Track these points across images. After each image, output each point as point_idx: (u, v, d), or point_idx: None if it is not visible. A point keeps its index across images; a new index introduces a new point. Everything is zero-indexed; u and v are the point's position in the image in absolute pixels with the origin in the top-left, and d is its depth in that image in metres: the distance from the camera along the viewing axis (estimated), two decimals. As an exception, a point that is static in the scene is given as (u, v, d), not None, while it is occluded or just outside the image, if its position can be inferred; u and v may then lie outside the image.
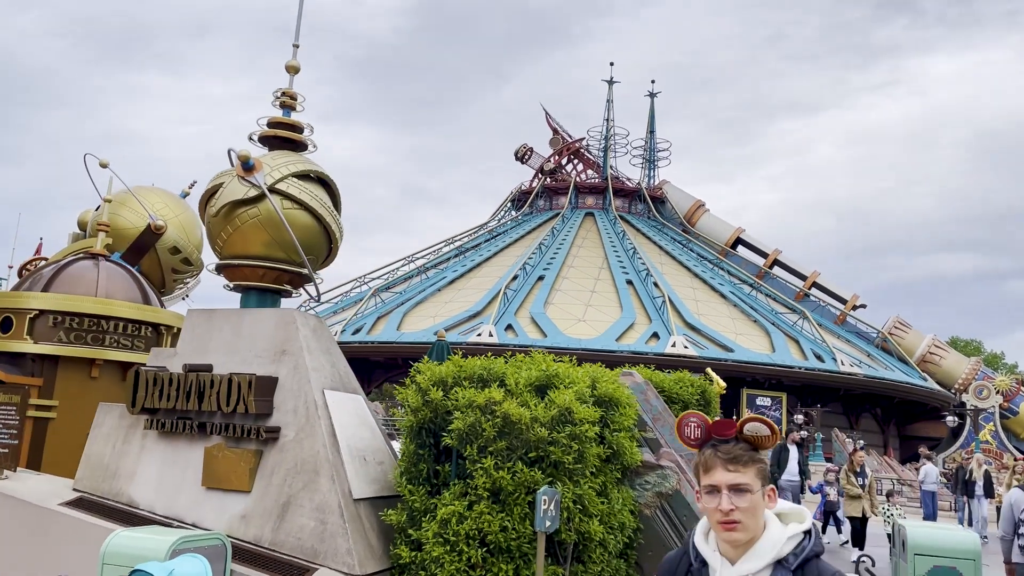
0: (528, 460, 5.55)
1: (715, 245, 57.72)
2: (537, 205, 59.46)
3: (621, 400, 6.32)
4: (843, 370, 43.90)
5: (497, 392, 5.64)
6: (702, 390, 8.65)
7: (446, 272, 52.58)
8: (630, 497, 6.46)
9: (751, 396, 44.14)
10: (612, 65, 59.50)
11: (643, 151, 61.24)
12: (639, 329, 45.59)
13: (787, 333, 46.95)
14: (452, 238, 56.89)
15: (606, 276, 50.68)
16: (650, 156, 61.15)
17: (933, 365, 51.73)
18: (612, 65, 59.50)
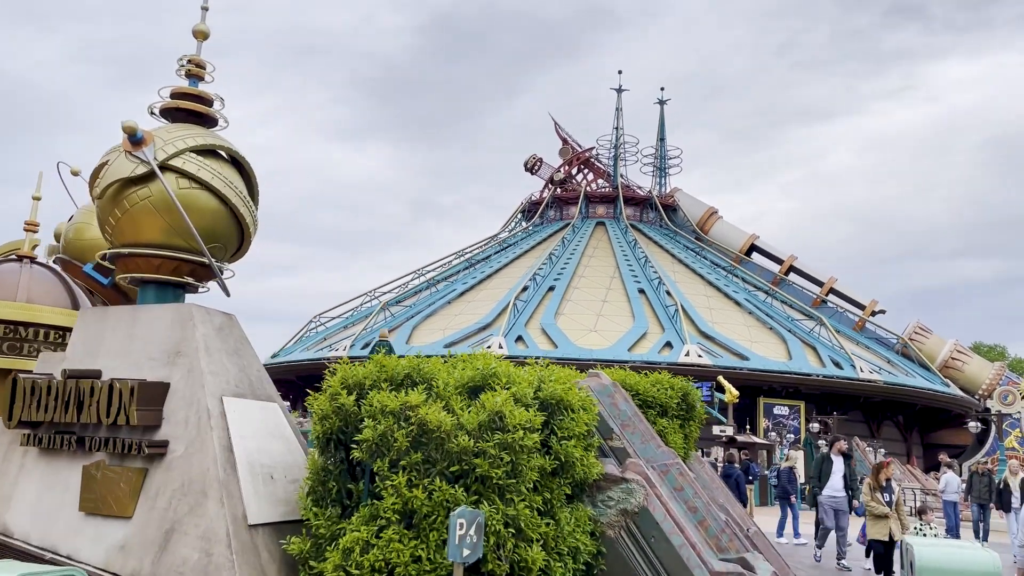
0: (451, 475, 4.62)
1: (729, 252, 56.47)
2: (547, 215, 58.57)
3: (573, 403, 5.37)
4: (862, 377, 42.44)
5: (417, 395, 4.72)
6: (684, 393, 7.67)
7: (456, 285, 51.76)
8: (586, 516, 5.50)
9: (768, 405, 42.79)
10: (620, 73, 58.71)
11: (653, 159, 60.24)
12: (652, 338, 44.43)
13: (804, 340, 45.56)
14: (462, 250, 56.14)
15: (618, 285, 49.62)
16: (661, 164, 60.12)
17: (956, 371, 50.04)
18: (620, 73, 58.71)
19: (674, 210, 59.10)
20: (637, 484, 5.95)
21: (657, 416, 7.27)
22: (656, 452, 6.58)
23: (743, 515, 8.60)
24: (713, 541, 6.21)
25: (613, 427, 6.54)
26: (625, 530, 5.88)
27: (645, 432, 6.66)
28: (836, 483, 12.96)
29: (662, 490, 6.22)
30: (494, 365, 5.30)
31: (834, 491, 12.92)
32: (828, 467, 13.12)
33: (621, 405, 6.70)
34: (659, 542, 5.78)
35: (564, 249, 53.25)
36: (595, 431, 6.38)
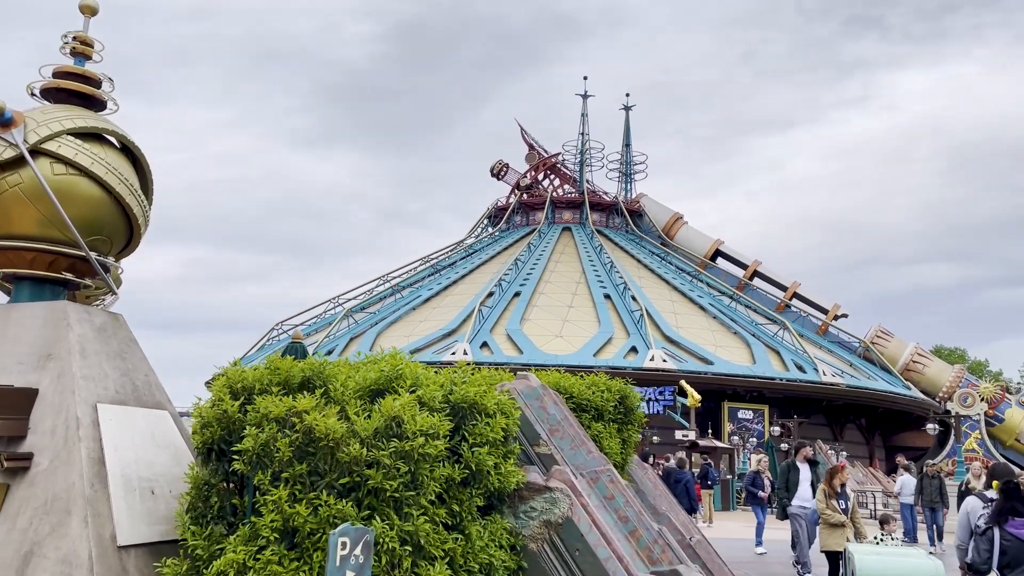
0: (341, 489, 4.16)
1: (694, 257, 56.56)
2: (513, 221, 58.24)
3: (488, 407, 4.94)
4: (825, 380, 42.58)
5: (306, 400, 4.25)
6: (622, 396, 7.28)
7: (421, 291, 51.18)
8: (503, 529, 5.07)
9: (732, 409, 42.76)
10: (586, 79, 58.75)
11: (619, 164, 60.21)
12: (617, 344, 44.22)
13: (768, 344, 45.65)
14: (427, 256, 55.56)
15: (584, 291, 49.38)
16: (626, 169, 60.13)
17: (917, 374, 50.52)
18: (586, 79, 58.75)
19: (640, 215, 59.09)
20: (562, 493, 5.53)
21: (592, 420, 6.87)
22: (586, 458, 6.17)
23: (687, 523, 8.22)
24: (644, 553, 5.81)
25: (540, 432, 6.11)
26: (548, 543, 5.46)
27: (575, 437, 6.25)
28: (805, 492, 12.07)
29: (590, 499, 5.81)
30: (400, 366, 4.86)
31: (803, 501, 12.02)
32: (795, 476, 12.29)
33: (550, 409, 6.29)
34: (584, 555, 5.36)
35: (530, 255, 52.92)
36: (517, 437, 5.96)
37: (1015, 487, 5.84)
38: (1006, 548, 5.55)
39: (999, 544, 5.57)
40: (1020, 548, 5.47)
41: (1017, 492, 5.73)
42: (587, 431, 6.85)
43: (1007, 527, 5.55)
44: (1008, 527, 5.54)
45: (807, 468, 12.40)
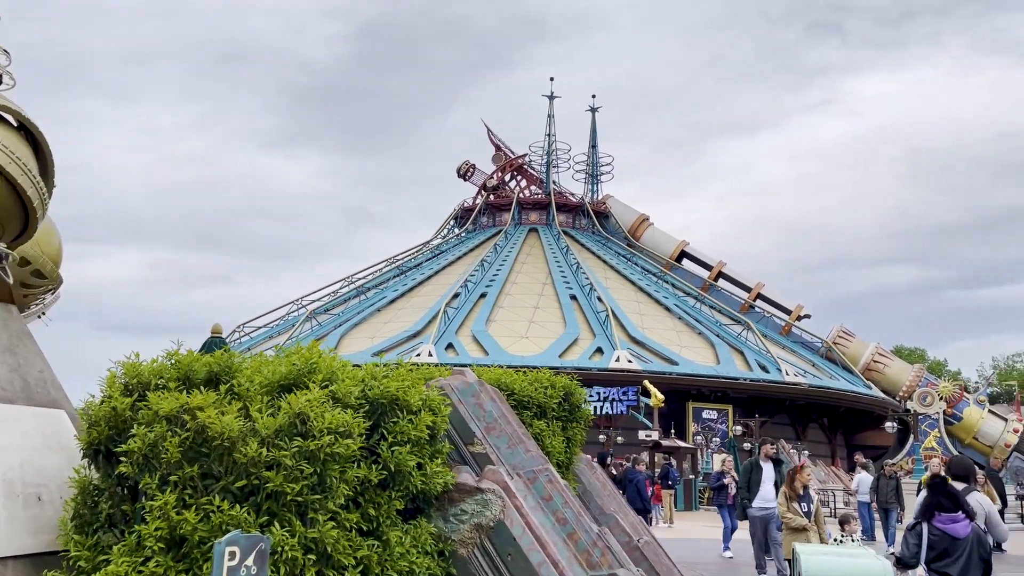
0: (240, 493, 3.79)
1: (660, 259, 56.68)
2: (480, 222, 57.89)
3: (411, 403, 4.60)
4: (788, 380, 42.85)
5: (201, 396, 3.88)
6: (567, 392, 6.98)
7: (386, 292, 50.62)
8: (428, 534, 4.73)
9: (697, 409, 42.82)
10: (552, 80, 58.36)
11: (586, 166, 60.21)
12: (583, 344, 44.08)
13: (732, 345, 45.83)
14: (393, 257, 54.99)
15: (550, 292, 49.19)
16: (593, 171, 60.10)
17: (877, 373, 51.06)
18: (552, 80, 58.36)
19: (606, 217, 59.10)
20: (494, 495, 5.20)
21: (534, 418, 6.56)
22: (524, 458, 5.85)
23: (637, 524, 7.94)
24: (583, 556, 5.50)
25: (475, 430, 5.78)
26: (479, 548, 5.12)
27: (513, 435, 5.93)
28: (767, 493, 11.24)
29: (526, 500, 5.49)
30: (314, 360, 4.49)
31: (766, 502, 11.18)
32: (757, 475, 11.47)
33: (487, 406, 5.96)
34: (516, 560, 5.04)
35: (496, 256, 52.62)
36: (447, 435, 5.62)
37: (941, 482, 5.87)
38: (933, 542, 5.58)
39: (927, 538, 5.59)
40: (946, 541, 5.50)
41: (943, 488, 5.74)
42: (528, 429, 6.53)
43: (934, 522, 5.58)
44: (935, 522, 5.57)
45: (770, 467, 11.58)
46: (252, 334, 50.31)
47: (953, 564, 5.47)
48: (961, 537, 5.54)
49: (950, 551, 5.51)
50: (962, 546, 5.51)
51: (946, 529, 5.59)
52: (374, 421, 4.47)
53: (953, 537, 5.55)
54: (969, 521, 5.63)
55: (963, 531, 5.56)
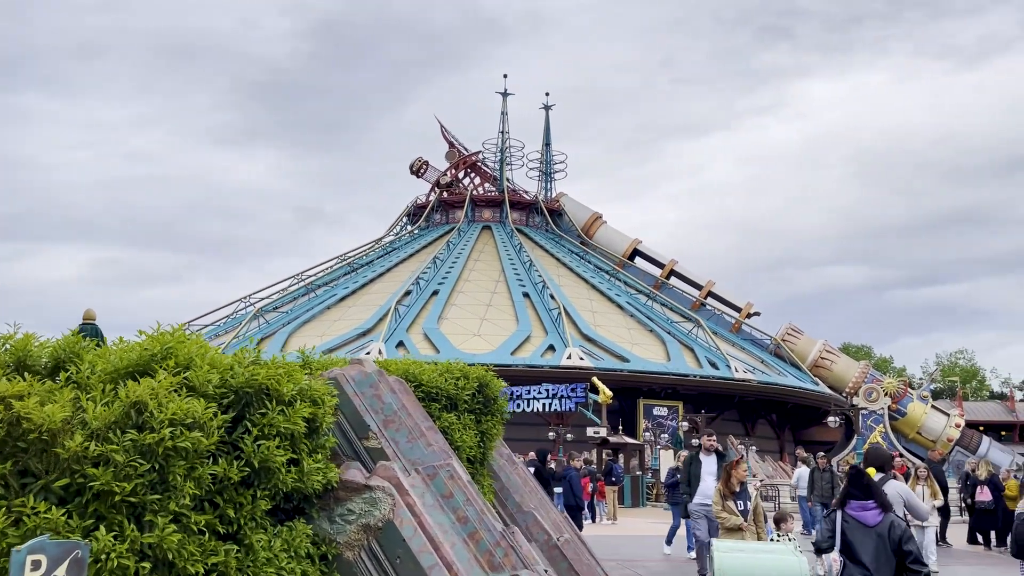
0: (65, 493, 3.32)
1: (613, 256, 56.73)
2: (433, 219, 57.28)
3: (283, 393, 4.16)
4: (737, 377, 43.15)
5: (17, 384, 3.39)
6: (481, 384, 6.59)
7: (336, 289, 49.74)
8: (305, 536, 4.29)
9: (648, 406, 42.85)
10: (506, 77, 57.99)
11: (539, 164, 59.95)
12: (535, 342, 43.82)
13: (682, 342, 46.01)
14: (344, 255, 54.05)
15: (503, 289, 48.85)
16: (547, 169, 59.90)
17: (825, 370, 51.73)
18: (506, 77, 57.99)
19: (560, 215, 58.95)
20: (383, 493, 4.78)
21: (442, 411, 6.15)
22: (425, 452, 5.44)
23: (559, 521, 7.59)
24: (485, 557, 5.11)
25: (371, 424, 5.35)
26: (367, 551, 4.70)
27: (414, 429, 5.51)
28: (708, 488, 10.38)
29: (424, 498, 5.08)
30: (169, 344, 4.02)
31: (706, 497, 10.35)
32: (697, 469, 10.73)
33: (386, 397, 5.53)
34: (405, 563, 4.63)
35: (449, 253, 52.10)
36: (336, 429, 5.19)
37: (856, 472, 6.04)
38: (846, 529, 5.74)
39: (840, 525, 5.77)
40: (857, 528, 5.67)
41: (858, 478, 5.90)
42: (436, 422, 6.13)
43: (847, 509, 5.75)
44: (847, 509, 5.75)
45: (713, 460, 10.70)
46: (199, 332, 48.96)
47: (863, 550, 5.60)
48: (871, 525, 5.66)
49: (861, 538, 5.65)
50: (872, 533, 5.63)
51: (857, 516, 5.72)
52: (238, 412, 4.02)
53: (864, 524, 5.68)
54: (881, 510, 5.72)
55: (873, 519, 5.67)
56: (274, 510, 4.27)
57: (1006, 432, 63.89)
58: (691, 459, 11.24)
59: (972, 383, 79.14)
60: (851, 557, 5.65)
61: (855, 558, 5.62)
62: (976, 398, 74.70)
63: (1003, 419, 64.83)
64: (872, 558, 5.52)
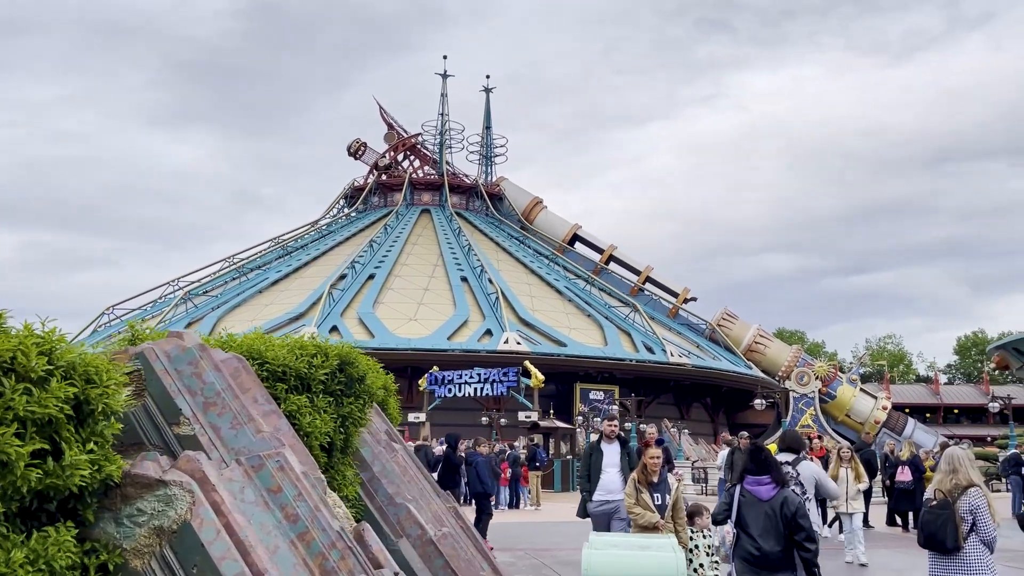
0: None
1: (553, 242, 56.31)
2: (371, 202, 55.96)
3: (30, 369, 3.33)
4: (672, 361, 43.19)
5: None
6: (343, 362, 5.82)
7: (268, 273, 48.16)
8: (66, 544, 3.47)
9: (584, 391, 42.60)
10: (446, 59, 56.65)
11: (480, 147, 59.07)
12: (472, 326, 43.14)
13: (619, 327, 45.89)
14: (278, 237, 52.41)
15: (440, 274, 47.99)
16: (487, 152, 59.04)
17: (758, 354, 52.23)
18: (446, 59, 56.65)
19: (500, 199, 58.23)
20: (181, 489, 3.97)
21: (289, 392, 5.36)
22: (253, 440, 4.64)
23: (442, 512, 6.88)
24: (317, 561, 4.35)
25: (183, 406, 4.53)
26: (159, 558, 3.90)
27: (241, 413, 4.71)
28: (610, 482, 8.81)
29: (240, 494, 4.29)
30: None
31: (608, 493, 8.77)
32: (598, 460, 8.98)
33: (208, 376, 4.71)
34: (203, 571, 3.84)
35: (387, 236, 50.95)
36: (133, 414, 4.35)
37: (755, 449, 6.15)
38: (741, 503, 5.92)
39: (736, 499, 5.94)
40: (752, 503, 5.83)
41: (756, 454, 6.04)
42: (282, 405, 5.33)
43: (744, 484, 5.92)
44: (744, 484, 5.92)
45: (615, 449, 9.03)
46: (123, 317, 46.90)
47: (755, 523, 5.77)
48: (765, 499, 5.81)
49: (755, 511, 5.82)
50: (765, 507, 5.78)
51: (752, 491, 5.88)
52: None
53: (758, 498, 5.84)
54: (775, 485, 5.84)
55: (767, 493, 5.82)
56: (25, 512, 3.44)
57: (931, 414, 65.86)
58: (591, 449, 9.28)
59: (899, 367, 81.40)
60: (744, 529, 5.82)
61: (747, 531, 5.78)
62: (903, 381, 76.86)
63: (928, 401, 66.82)
64: (761, 530, 5.67)
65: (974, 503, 5.79)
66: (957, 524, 5.76)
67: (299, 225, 53.85)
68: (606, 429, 9.44)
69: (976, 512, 5.76)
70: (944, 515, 5.78)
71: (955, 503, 5.81)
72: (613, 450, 9.16)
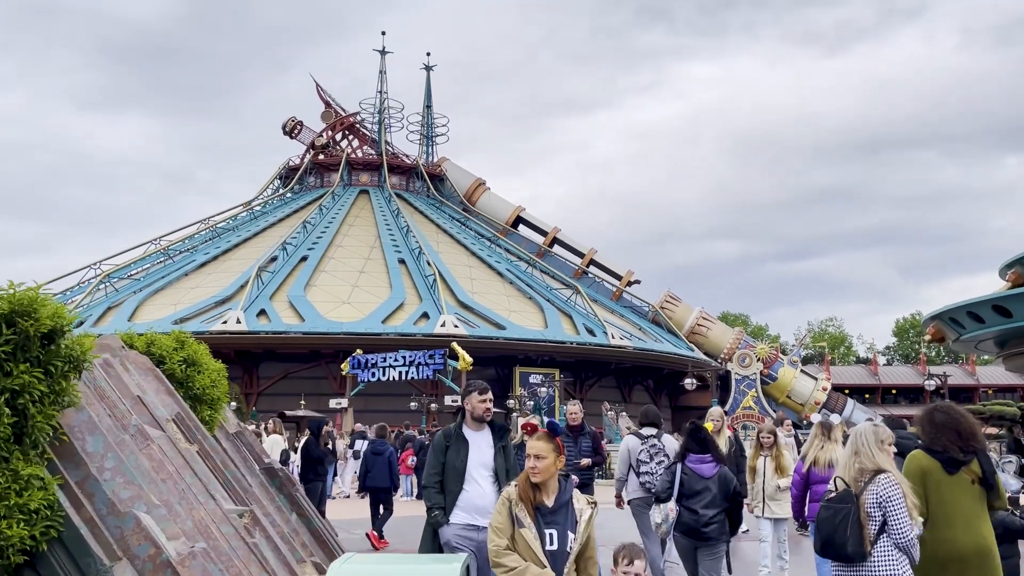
0: None
1: (496, 224, 54.52)
2: (307, 182, 53.42)
3: None
4: (613, 343, 41.84)
5: None
6: (12, 314, 3.99)
7: (196, 256, 45.45)
8: None
9: (524, 374, 41.02)
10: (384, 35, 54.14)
11: (420, 127, 56.86)
12: (408, 310, 41.17)
13: (561, 309, 44.37)
14: (207, 219, 49.62)
15: (378, 256, 45.85)
16: (428, 132, 56.86)
17: (701, 336, 51.34)
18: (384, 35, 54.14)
19: (442, 180, 56.20)
20: None
21: None
22: None
23: (202, 521, 5.07)
24: None
25: None
26: None
27: None
28: (478, 496, 5.36)
29: None
30: None
31: (475, 514, 5.29)
32: (458, 457, 5.49)
33: None
34: None
35: (322, 217, 48.57)
36: None
37: (695, 428, 6.24)
38: (684, 480, 6.06)
39: (679, 477, 6.07)
40: (694, 480, 6.00)
41: (696, 433, 6.17)
42: None
43: (686, 462, 6.08)
44: (687, 462, 6.08)
45: (485, 438, 5.55)
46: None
47: (698, 499, 5.94)
48: (707, 476, 6.00)
49: (697, 488, 5.97)
50: (708, 483, 5.97)
51: (695, 468, 6.05)
52: None
53: (700, 476, 6.02)
54: (716, 463, 6.07)
55: (709, 471, 6.02)
56: None
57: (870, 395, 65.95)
58: (446, 439, 5.59)
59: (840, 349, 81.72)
60: (687, 505, 5.96)
61: (690, 506, 5.94)
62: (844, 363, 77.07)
63: (867, 383, 66.90)
64: (705, 504, 5.89)
65: (883, 494, 4.17)
66: (862, 523, 4.16)
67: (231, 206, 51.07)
68: (477, 405, 5.55)
69: (887, 505, 4.15)
70: (844, 511, 4.19)
71: (859, 495, 4.22)
72: (481, 441, 5.54)
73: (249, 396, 39.09)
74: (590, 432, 8.10)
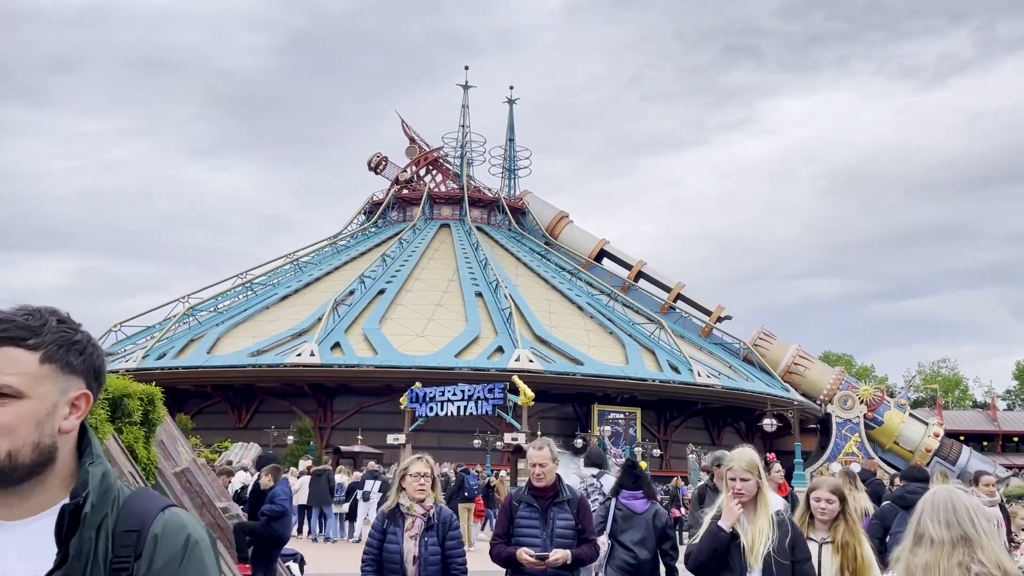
0: None
1: (578, 257, 52.16)
2: (390, 217, 52.76)
3: None
4: (699, 381, 38.45)
5: None
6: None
7: (277, 289, 45.13)
8: None
9: (603, 412, 38.15)
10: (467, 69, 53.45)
11: (502, 160, 55.49)
12: (483, 343, 39.20)
13: (644, 345, 41.36)
14: (292, 253, 49.48)
15: (455, 289, 44.27)
16: (510, 165, 55.43)
17: (798, 376, 47.03)
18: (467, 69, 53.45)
19: (524, 213, 54.46)
20: None
21: None
22: None
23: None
24: None
25: None
26: None
27: None
28: None
29: None
30: None
31: None
32: None
33: None
34: None
35: (402, 251, 47.56)
36: None
37: (630, 465, 6.26)
38: (617, 516, 5.96)
39: (612, 513, 5.97)
40: (627, 516, 5.92)
41: (631, 469, 6.15)
42: None
43: (619, 498, 6.03)
44: (620, 498, 6.03)
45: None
46: (132, 336, 44.33)
47: (631, 533, 5.83)
48: (639, 512, 5.92)
49: (630, 523, 5.90)
50: (641, 520, 5.89)
51: (628, 504, 5.98)
52: None
53: (633, 512, 5.93)
54: (648, 499, 5.98)
55: (641, 507, 5.95)
56: None
57: (988, 442, 59.02)
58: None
59: (955, 392, 74.21)
60: (619, 541, 5.84)
61: (622, 542, 5.80)
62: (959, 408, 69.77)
63: (985, 429, 59.95)
64: (637, 541, 5.76)
65: None
66: None
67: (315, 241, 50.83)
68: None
69: None
70: None
71: None
72: None
73: (323, 430, 37.85)
74: (571, 499, 4.70)
